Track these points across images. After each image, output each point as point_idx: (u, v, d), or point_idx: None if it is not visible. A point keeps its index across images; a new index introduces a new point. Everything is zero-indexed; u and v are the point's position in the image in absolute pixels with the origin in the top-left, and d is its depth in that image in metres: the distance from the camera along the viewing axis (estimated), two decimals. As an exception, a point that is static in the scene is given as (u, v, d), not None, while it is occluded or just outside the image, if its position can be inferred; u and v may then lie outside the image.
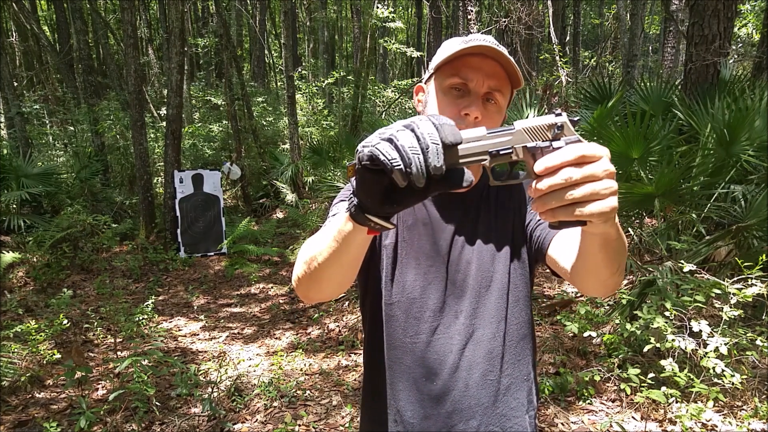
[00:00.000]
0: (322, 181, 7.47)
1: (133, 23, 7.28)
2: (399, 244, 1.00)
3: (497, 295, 0.95)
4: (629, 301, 3.11)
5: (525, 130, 0.64)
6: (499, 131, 0.65)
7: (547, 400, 2.79)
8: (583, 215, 0.57)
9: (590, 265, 0.76)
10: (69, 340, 4.14)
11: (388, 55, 19.62)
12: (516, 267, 0.97)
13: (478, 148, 0.65)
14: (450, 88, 0.92)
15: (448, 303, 0.96)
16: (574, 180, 0.56)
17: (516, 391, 0.97)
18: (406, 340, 0.97)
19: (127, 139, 9.30)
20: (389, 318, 1.00)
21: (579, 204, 0.56)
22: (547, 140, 0.63)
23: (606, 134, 3.86)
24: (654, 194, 3.55)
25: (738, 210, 3.56)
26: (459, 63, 0.91)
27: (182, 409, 3.04)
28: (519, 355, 0.97)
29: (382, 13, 9.66)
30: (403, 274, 0.98)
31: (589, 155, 0.57)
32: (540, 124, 0.63)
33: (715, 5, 4.62)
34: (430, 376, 0.95)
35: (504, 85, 0.92)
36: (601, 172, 0.56)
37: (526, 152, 0.64)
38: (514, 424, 0.96)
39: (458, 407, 0.94)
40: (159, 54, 16.14)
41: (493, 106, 0.92)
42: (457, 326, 0.95)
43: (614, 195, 0.57)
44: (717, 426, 2.42)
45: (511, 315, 0.96)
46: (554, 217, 0.59)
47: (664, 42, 9.40)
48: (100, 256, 6.51)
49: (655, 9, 17.58)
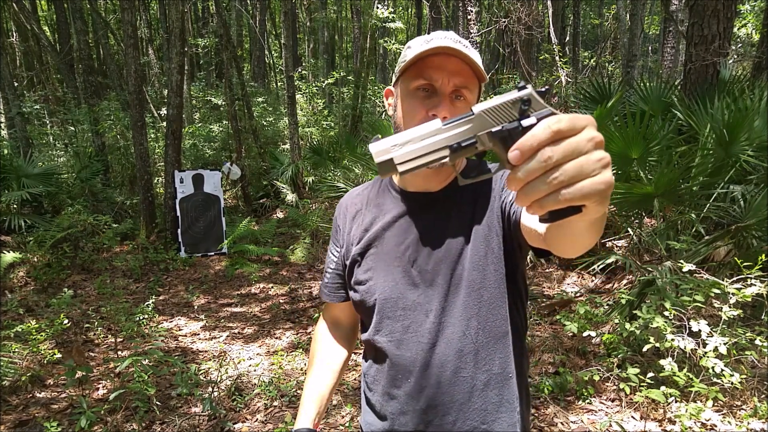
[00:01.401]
0: (322, 181, 7.48)
1: (134, 23, 7.28)
2: (371, 247, 1.04)
3: (466, 293, 0.95)
4: (629, 300, 3.12)
5: (486, 113, 0.55)
6: (455, 121, 0.56)
7: (547, 400, 2.79)
8: (575, 198, 0.46)
9: (571, 238, 0.68)
10: (70, 339, 4.14)
11: (388, 55, 19.61)
12: (490, 264, 0.95)
13: (433, 145, 0.56)
14: (416, 90, 0.92)
15: (418, 302, 0.97)
16: (555, 160, 0.46)
17: (497, 388, 0.96)
18: (382, 339, 1.01)
19: (128, 139, 9.31)
20: (367, 319, 1.05)
21: (567, 187, 0.46)
22: (514, 119, 0.54)
23: (605, 134, 3.86)
24: (653, 194, 3.56)
25: (737, 210, 3.57)
26: (422, 64, 0.91)
27: (183, 408, 3.05)
28: (498, 352, 0.96)
29: (382, 14, 9.67)
30: (376, 276, 1.02)
31: (567, 128, 0.47)
32: (502, 102, 0.54)
33: (715, 5, 4.63)
34: (405, 373, 0.98)
35: (470, 81, 0.92)
36: (585, 143, 0.46)
37: (492, 138, 0.55)
38: (496, 418, 0.96)
39: (432, 403, 0.96)
40: (159, 54, 16.15)
41: (461, 103, 0.92)
42: (427, 325, 0.96)
43: (607, 167, 0.47)
44: (716, 425, 2.43)
45: (485, 312, 0.95)
46: (543, 208, 0.49)
47: (664, 42, 9.41)
48: (100, 256, 6.52)
49: (655, 9, 17.59)
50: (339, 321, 1.23)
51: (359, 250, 1.05)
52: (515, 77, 10.43)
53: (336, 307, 1.20)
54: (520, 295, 1.00)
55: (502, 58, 14.03)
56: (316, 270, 6.34)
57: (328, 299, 1.17)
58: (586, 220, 0.58)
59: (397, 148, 0.57)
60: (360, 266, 1.05)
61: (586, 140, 0.46)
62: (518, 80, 5.11)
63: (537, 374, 3.07)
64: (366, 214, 1.08)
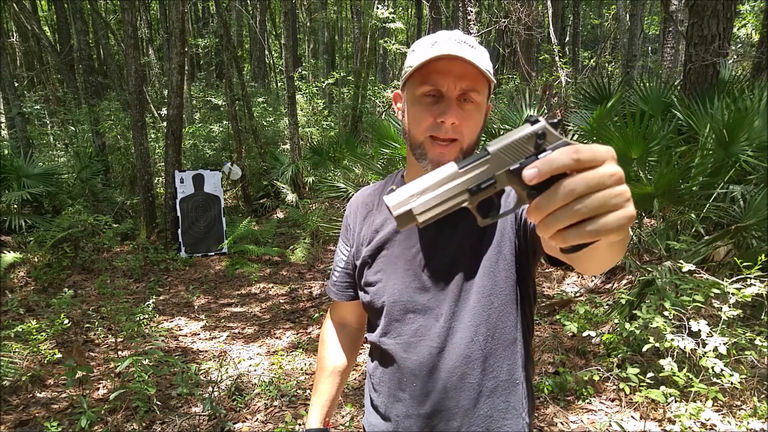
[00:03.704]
0: (322, 181, 7.48)
1: (134, 24, 7.28)
2: (382, 249, 1.03)
3: (476, 299, 0.94)
4: (628, 300, 3.12)
5: (502, 152, 0.54)
6: (471, 162, 0.55)
7: (547, 400, 2.80)
8: (600, 233, 0.46)
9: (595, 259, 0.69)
10: (70, 339, 4.15)
11: (388, 55, 19.62)
12: (501, 270, 0.94)
13: (452, 190, 0.55)
14: (422, 96, 0.91)
15: (428, 306, 0.96)
16: (576, 193, 0.46)
17: (504, 394, 0.95)
18: (389, 342, 1.00)
19: (128, 139, 9.32)
20: (375, 320, 1.05)
21: (589, 221, 0.47)
22: (531, 154, 0.53)
23: (605, 134, 3.87)
24: (653, 194, 3.56)
25: (737, 210, 3.58)
26: (428, 69, 0.89)
27: (183, 408, 3.05)
28: (507, 359, 0.95)
29: (382, 14, 9.68)
30: (386, 278, 1.01)
31: (587, 158, 0.47)
32: (517, 138, 0.53)
33: (715, 5, 4.63)
34: (411, 377, 0.97)
35: (478, 82, 0.90)
36: (608, 177, 0.46)
37: (511, 177, 0.54)
38: (502, 425, 0.95)
39: (437, 409, 0.95)
40: (159, 54, 16.16)
41: (470, 105, 0.90)
42: (436, 329, 0.95)
43: (629, 201, 0.47)
44: (716, 425, 2.43)
45: (494, 319, 0.94)
46: (565, 241, 0.48)
47: (664, 42, 9.41)
48: (101, 256, 6.52)
49: (655, 9, 17.59)
50: (346, 321, 1.23)
51: (370, 251, 1.04)
52: (515, 77, 10.44)
53: (343, 306, 1.20)
54: (529, 300, 0.99)
55: (502, 59, 14.04)
56: (317, 270, 6.35)
57: (336, 297, 1.17)
58: (606, 243, 0.58)
59: (414, 198, 0.56)
60: (370, 268, 1.04)
61: (608, 175, 0.47)
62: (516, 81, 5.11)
63: (537, 374, 3.07)
64: (377, 215, 1.07)
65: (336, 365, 1.20)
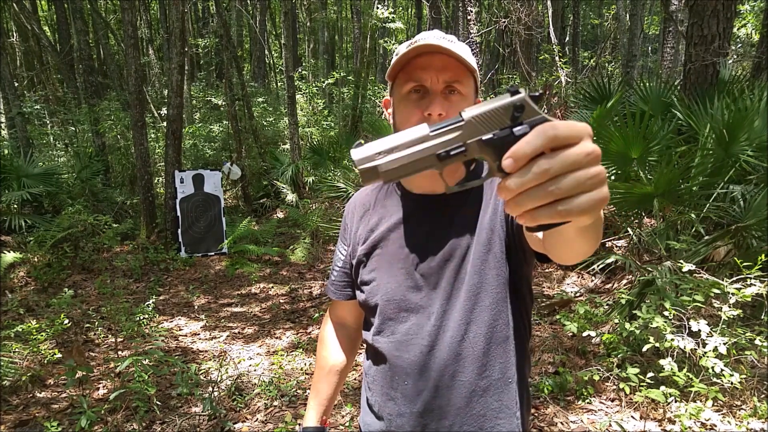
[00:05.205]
0: (322, 181, 7.48)
1: (134, 23, 7.28)
2: (376, 248, 1.04)
3: (466, 297, 0.94)
4: (628, 300, 3.12)
5: (476, 120, 0.51)
6: (444, 126, 0.53)
7: (547, 400, 2.80)
8: (571, 214, 0.45)
9: (564, 244, 0.68)
10: (70, 339, 4.15)
11: (388, 55, 19.62)
12: (492, 268, 0.94)
13: (420, 153, 0.53)
14: (408, 93, 0.92)
15: (421, 305, 0.97)
16: (551, 173, 0.44)
17: (497, 393, 0.95)
18: (382, 340, 1.01)
19: (128, 139, 9.32)
20: (371, 318, 1.06)
21: (561, 201, 0.45)
22: (506, 127, 0.50)
23: (605, 134, 3.87)
24: (653, 194, 3.56)
25: (737, 210, 3.58)
26: (410, 67, 0.91)
27: (183, 408, 3.05)
28: (499, 357, 0.95)
29: (381, 14, 9.68)
30: (379, 277, 1.02)
31: (564, 136, 0.44)
32: (493, 108, 0.50)
33: (715, 5, 4.63)
34: (403, 376, 0.98)
35: (460, 73, 0.90)
36: (583, 156, 0.44)
37: (483, 147, 0.52)
38: (496, 424, 0.95)
39: (429, 407, 0.95)
40: (159, 54, 16.16)
41: (456, 97, 0.91)
42: (428, 328, 0.95)
43: (603, 183, 0.45)
44: (716, 425, 2.43)
45: (486, 317, 0.93)
46: (534, 220, 0.46)
47: (664, 42, 9.41)
48: (101, 256, 6.52)
49: (655, 9, 17.60)
50: (345, 321, 1.24)
51: (364, 250, 1.05)
52: (515, 77, 10.43)
53: (342, 306, 1.20)
54: (524, 299, 0.99)
55: (502, 59, 14.04)
56: (316, 270, 6.35)
57: (334, 296, 1.18)
58: (576, 227, 0.57)
59: (381, 156, 0.54)
60: (365, 267, 1.05)
61: (584, 154, 0.44)
62: (516, 81, 5.10)
63: (537, 374, 3.07)
64: (373, 215, 1.08)
65: (335, 364, 1.21)
